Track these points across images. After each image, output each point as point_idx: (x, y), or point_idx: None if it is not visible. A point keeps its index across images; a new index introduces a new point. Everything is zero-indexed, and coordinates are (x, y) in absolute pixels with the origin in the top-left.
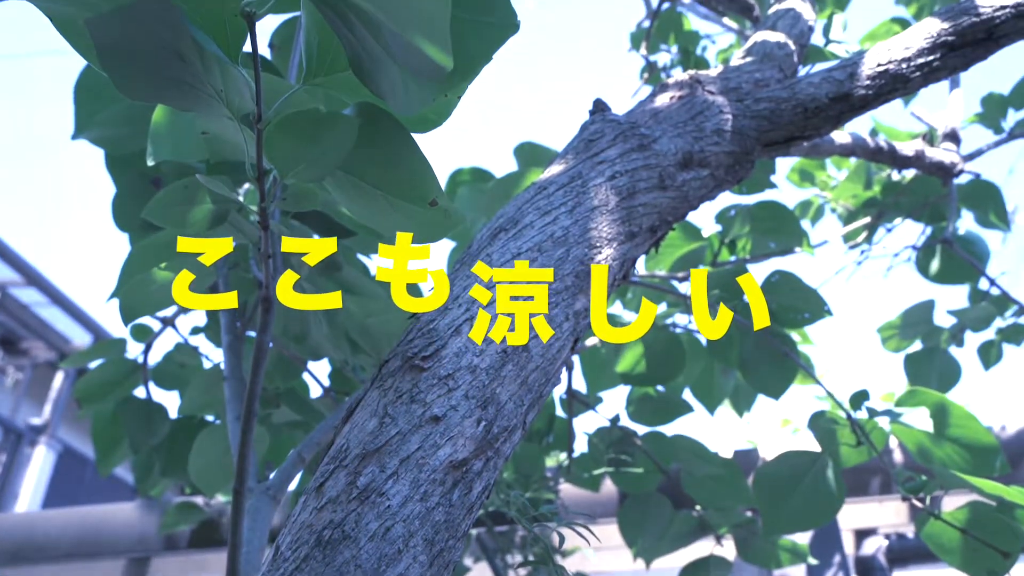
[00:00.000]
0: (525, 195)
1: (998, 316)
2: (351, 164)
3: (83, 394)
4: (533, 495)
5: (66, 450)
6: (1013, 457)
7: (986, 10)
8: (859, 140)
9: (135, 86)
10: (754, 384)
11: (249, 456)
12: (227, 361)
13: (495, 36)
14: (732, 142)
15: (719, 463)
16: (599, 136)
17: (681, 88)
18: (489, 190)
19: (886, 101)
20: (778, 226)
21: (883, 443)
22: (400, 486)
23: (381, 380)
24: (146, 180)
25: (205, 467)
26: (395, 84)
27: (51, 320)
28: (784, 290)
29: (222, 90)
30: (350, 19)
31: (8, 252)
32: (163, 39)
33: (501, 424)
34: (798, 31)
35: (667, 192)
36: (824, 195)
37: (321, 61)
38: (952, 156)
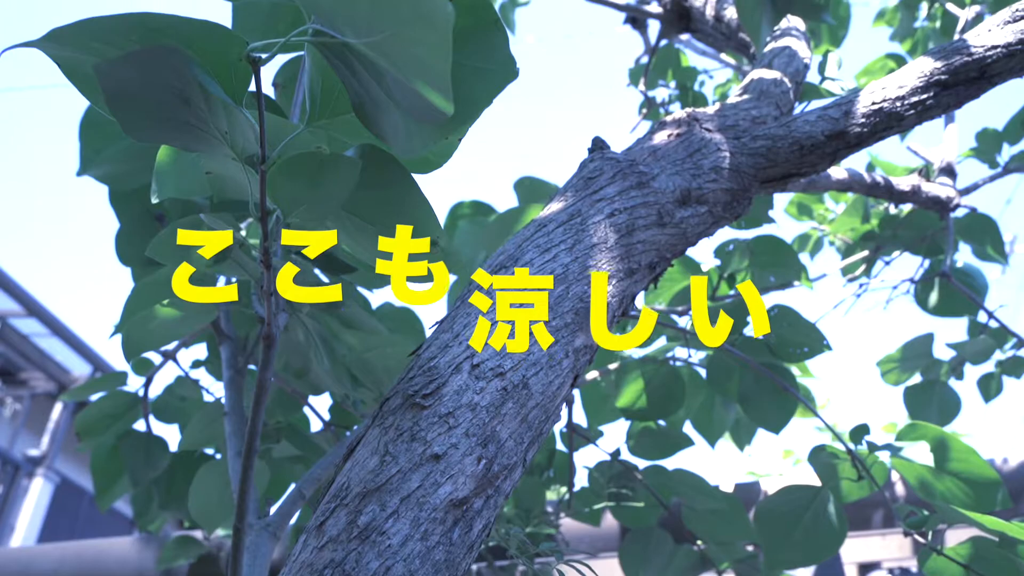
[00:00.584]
0: (525, 232)
1: (997, 349)
2: (353, 204)
3: (83, 427)
4: (534, 529)
5: (63, 482)
6: (1015, 491)
7: (978, 50)
8: (856, 175)
9: (141, 128)
10: (754, 418)
11: (250, 493)
12: (228, 396)
13: (495, 82)
14: (730, 179)
15: (720, 497)
16: (598, 174)
17: (679, 126)
18: (489, 226)
19: (881, 138)
20: (777, 260)
21: (884, 477)
22: (401, 525)
23: (382, 418)
24: (149, 216)
25: (205, 502)
26: (397, 127)
27: (51, 351)
28: (783, 324)
29: (227, 132)
30: (353, 64)
31: (8, 282)
32: (169, 83)
33: (501, 462)
34: (794, 69)
35: (666, 229)
36: (822, 228)
37: (325, 104)
38: (948, 191)
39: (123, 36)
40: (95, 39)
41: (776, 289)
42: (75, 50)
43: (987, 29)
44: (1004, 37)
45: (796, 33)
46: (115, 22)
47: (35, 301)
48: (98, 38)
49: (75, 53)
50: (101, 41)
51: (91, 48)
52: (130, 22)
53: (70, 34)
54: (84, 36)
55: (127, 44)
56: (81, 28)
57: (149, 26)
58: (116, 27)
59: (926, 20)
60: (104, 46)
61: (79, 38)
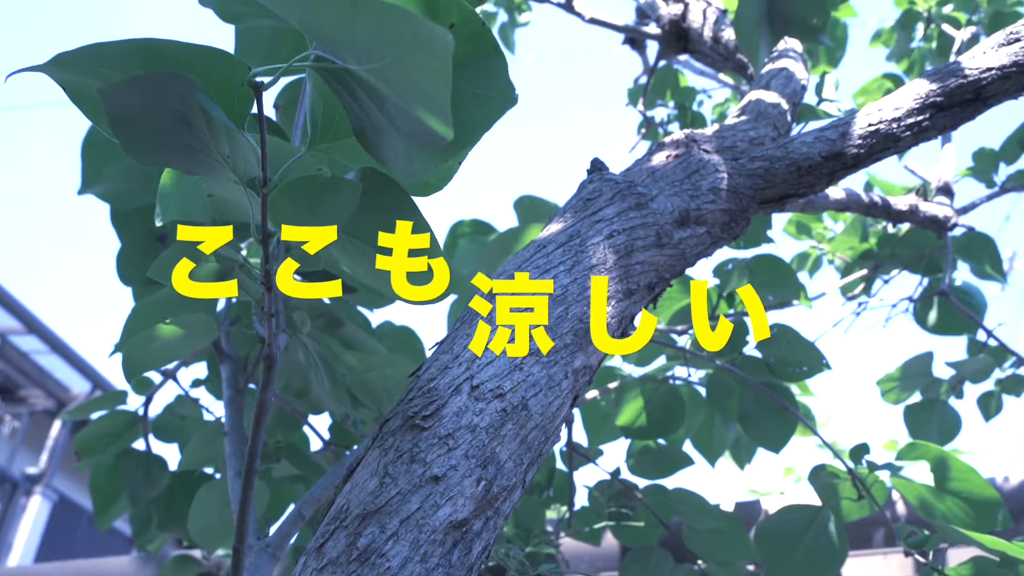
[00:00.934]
0: (524, 253)
1: (997, 367)
2: (354, 227)
3: (83, 447)
4: (533, 549)
5: (61, 500)
6: (1016, 510)
7: (973, 72)
8: (854, 195)
9: (144, 151)
10: (754, 438)
11: (250, 513)
12: (228, 416)
13: (494, 108)
14: (728, 200)
15: (721, 517)
16: (597, 195)
17: (677, 147)
18: (489, 246)
19: (878, 159)
20: (776, 279)
21: (884, 497)
22: (400, 547)
23: (382, 439)
24: (151, 236)
25: (205, 522)
26: (397, 152)
27: (50, 368)
28: (782, 344)
29: (229, 156)
30: (355, 89)
31: (8, 299)
32: (173, 107)
33: (501, 483)
34: (791, 90)
35: (664, 250)
36: (821, 247)
37: (326, 128)
38: (946, 210)
39: (127, 61)
40: (100, 64)
41: (775, 308)
42: (80, 74)
43: (982, 51)
44: (998, 59)
45: (793, 54)
46: (119, 47)
47: (35, 318)
48: (103, 63)
49: (80, 77)
50: (105, 66)
51: (96, 72)
52: (134, 47)
53: (75, 59)
54: (89, 61)
55: (131, 69)
56: (86, 53)
57: (153, 51)
58: (120, 52)
59: (922, 40)
60: (109, 70)
61: (84, 63)
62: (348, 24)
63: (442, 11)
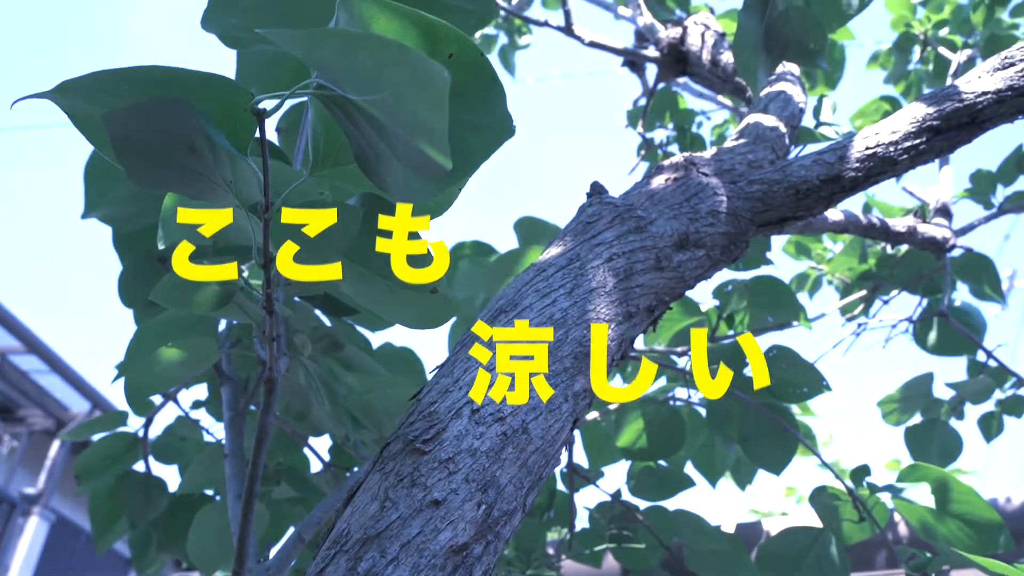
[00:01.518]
0: (524, 277)
1: (997, 388)
2: (354, 252)
3: (83, 469)
4: (534, 572)
5: (60, 520)
6: (1017, 531)
7: (969, 96)
8: (852, 217)
9: (148, 176)
10: (755, 459)
11: (249, 537)
12: (228, 438)
13: (492, 138)
14: (727, 223)
15: (722, 538)
16: (597, 218)
17: (676, 170)
18: (489, 268)
19: (876, 183)
20: (775, 301)
21: (886, 519)
22: (401, 572)
23: (382, 463)
24: (152, 259)
25: (204, 545)
26: (397, 179)
27: (50, 388)
28: (782, 365)
29: (231, 181)
30: (355, 117)
31: (8, 318)
32: (176, 133)
33: (501, 507)
34: (789, 113)
35: (664, 273)
36: (820, 268)
37: (327, 154)
38: (944, 231)
39: (131, 88)
40: (104, 91)
41: (775, 329)
42: (84, 101)
43: (977, 75)
44: (994, 83)
45: (791, 77)
46: (123, 75)
47: (35, 337)
48: (107, 90)
49: (84, 104)
50: (109, 93)
51: (100, 99)
52: (138, 75)
53: (79, 86)
54: (93, 88)
55: (134, 95)
56: (90, 80)
57: (156, 78)
58: (124, 79)
59: (919, 63)
60: (112, 97)
61: (88, 90)
62: (348, 58)
63: (442, 42)
